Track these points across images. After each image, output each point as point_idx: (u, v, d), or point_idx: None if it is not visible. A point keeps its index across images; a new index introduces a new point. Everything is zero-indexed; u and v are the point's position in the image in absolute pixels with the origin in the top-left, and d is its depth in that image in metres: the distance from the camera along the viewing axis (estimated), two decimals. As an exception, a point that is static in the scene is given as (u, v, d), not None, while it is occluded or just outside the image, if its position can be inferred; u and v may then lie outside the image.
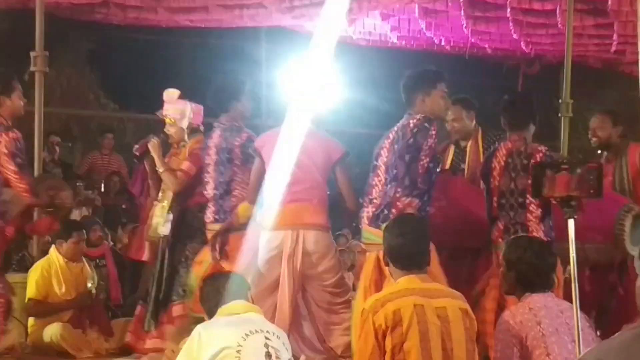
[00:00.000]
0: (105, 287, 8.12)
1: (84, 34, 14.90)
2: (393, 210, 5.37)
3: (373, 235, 5.46)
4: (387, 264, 4.55)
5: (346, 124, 12.58)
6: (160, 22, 10.83)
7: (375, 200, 5.57)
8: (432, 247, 4.74)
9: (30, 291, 7.18)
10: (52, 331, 6.98)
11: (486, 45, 11.57)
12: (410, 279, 4.33)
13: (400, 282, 4.35)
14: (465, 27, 10.45)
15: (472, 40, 11.20)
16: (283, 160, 6.04)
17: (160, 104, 7.08)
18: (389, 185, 5.48)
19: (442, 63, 13.74)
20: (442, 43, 11.49)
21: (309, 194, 6.07)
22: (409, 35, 11.36)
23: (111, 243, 9.63)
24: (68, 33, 13.44)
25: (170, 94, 7.05)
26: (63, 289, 7.29)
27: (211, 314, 4.54)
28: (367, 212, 5.61)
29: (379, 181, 5.60)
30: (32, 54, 7.38)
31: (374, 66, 13.86)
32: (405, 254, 4.40)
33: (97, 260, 8.49)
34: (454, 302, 4.28)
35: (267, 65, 12.40)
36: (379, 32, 11.33)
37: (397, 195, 5.40)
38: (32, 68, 7.41)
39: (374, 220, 5.50)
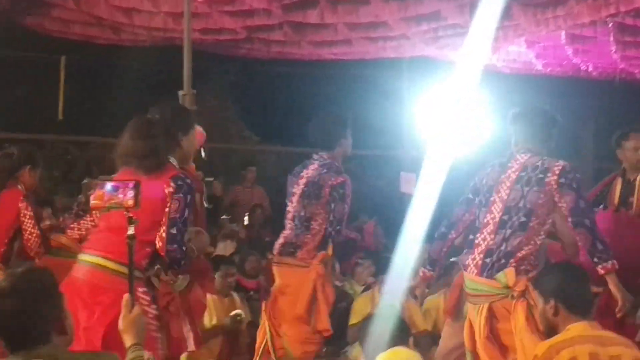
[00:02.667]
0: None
1: (227, 68, 15.14)
2: (511, 261, 4.94)
3: (486, 287, 5.02)
4: (555, 311, 4.31)
5: (488, 154, 12.32)
6: (303, 56, 10.92)
7: (481, 246, 5.08)
8: None
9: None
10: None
11: (636, 71, 11.22)
12: (582, 326, 4.14)
13: (571, 329, 4.16)
14: (615, 53, 10.14)
15: (622, 65, 10.88)
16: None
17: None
18: (509, 231, 5.00)
19: (589, 89, 13.52)
20: (589, 69, 11.21)
21: None
22: (554, 62, 11.12)
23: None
24: (211, 67, 13.67)
25: None
26: (214, 321, 7.32)
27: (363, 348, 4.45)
28: (474, 257, 5.10)
29: (492, 220, 5.11)
30: (180, 92, 7.47)
31: (518, 94, 13.60)
32: (579, 300, 4.21)
33: (252, 293, 8.46)
34: (629, 351, 4.06)
35: (409, 94, 12.31)
36: (524, 59, 11.13)
37: (519, 245, 4.96)
38: (180, 107, 7.49)
39: (486, 270, 5.01)
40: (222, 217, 10.90)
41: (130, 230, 3.72)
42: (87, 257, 4.66)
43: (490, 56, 10.50)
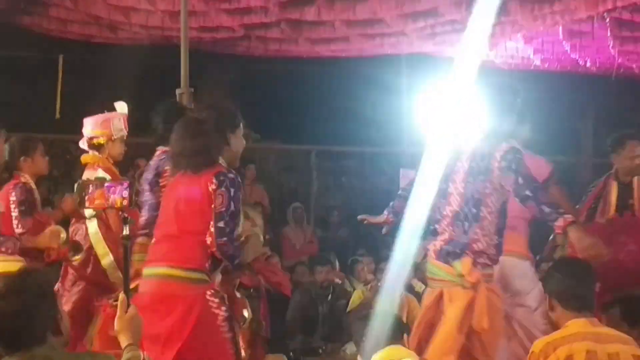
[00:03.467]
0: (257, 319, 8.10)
1: (224, 66, 15.12)
2: (467, 252, 4.95)
3: (442, 272, 5.05)
4: (552, 308, 4.32)
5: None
6: (301, 53, 10.92)
7: (444, 234, 5.09)
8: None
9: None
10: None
11: (634, 65, 11.22)
12: (581, 322, 4.14)
13: (570, 326, 4.16)
14: (612, 48, 10.14)
15: (619, 60, 10.87)
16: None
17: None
18: (467, 224, 5.00)
19: (587, 84, 13.51)
20: (588, 64, 11.20)
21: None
22: (552, 58, 11.11)
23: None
24: (209, 65, 13.66)
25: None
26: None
27: (359, 347, 4.45)
28: (435, 244, 5.13)
29: (451, 212, 5.09)
30: (177, 91, 7.47)
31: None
32: (578, 296, 4.20)
33: (251, 290, 8.46)
34: (627, 348, 4.06)
35: (408, 91, 12.30)
36: (522, 55, 11.13)
37: (476, 237, 4.97)
38: (177, 105, 7.50)
39: (443, 256, 5.05)
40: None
41: (125, 231, 3.73)
42: (152, 271, 4.72)
43: (488, 52, 10.50)
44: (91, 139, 6.92)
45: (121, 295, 3.57)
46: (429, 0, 8.72)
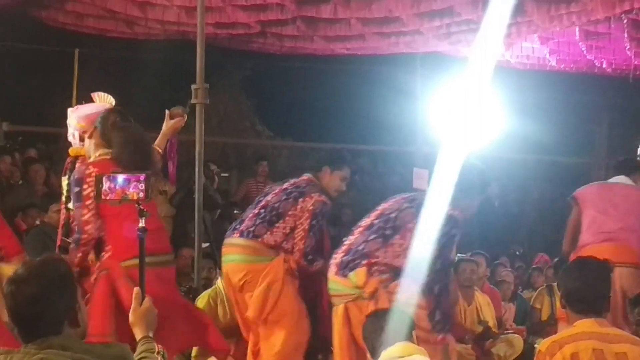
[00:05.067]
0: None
1: (240, 63, 15.14)
2: (364, 262, 4.94)
3: (340, 286, 5.03)
4: (563, 307, 4.33)
5: (500, 150, 12.31)
6: (316, 51, 10.92)
7: (344, 246, 5.13)
8: None
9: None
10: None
11: (651, 67, 11.19)
12: (588, 323, 4.12)
13: (577, 326, 4.15)
14: (629, 49, 10.10)
15: (636, 62, 10.84)
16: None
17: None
18: (373, 236, 5.04)
19: (603, 86, 13.47)
20: (604, 66, 11.16)
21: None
22: (568, 59, 11.09)
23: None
24: (224, 61, 13.68)
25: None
26: (228, 317, 7.33)
27: (374, 353, 4.42)
28: (335, 258, 5.13)
29: (365, 222, 5.19)
30: (193, 86, 7.47)
31: (532, 90, 13.58)
32: (582, 298, 4.19)
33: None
34: (636, 349, 4.03)
35: (422, 90, 12.29)
36: (537, 55, 11.10)
37: (377, 253, 4.98)
38: (192, 100, 7.51)
39: (342, 268, 5.04)
40: (234, 211, 10.89)
41: (142, 223, 3.74)
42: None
43: (504, 52, 10.48)
44: (84, 132, 6.69)
45: (136, 289, 3.58)
46: (445, -1, 8.72)
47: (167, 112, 6.12)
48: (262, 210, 5.95)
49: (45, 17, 10.61)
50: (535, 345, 6.47)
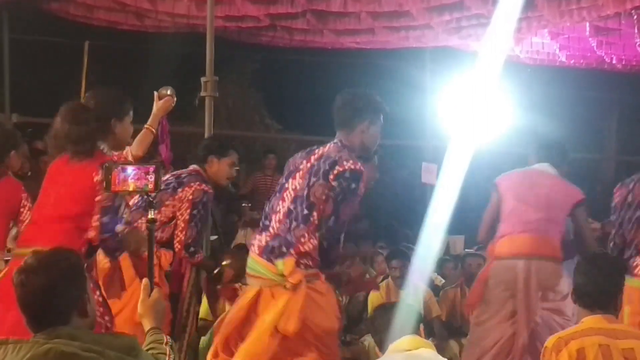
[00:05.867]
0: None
1: (249, 56, 15.15)
2: (292, 252, 4.74)
3: (263, 269, 4.84)
4: (574, 301, 4.34)
5: (509, 144, 12.29)
6: (325, 44, 10.91)
7: (271, 230, 4.89)
8: None
9: (203, 312, 7.31)
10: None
11: (661, 63, 11.18)
12: (595, 319, 4.13)
13: (584, 322, 4.17)
14: (639, 45, 10.08)
15: (646, 58, 10.84)
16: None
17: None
18: (294, 223, 4.79)
19: (613, 82, 13.45)
20: (614, 61, 11.14)
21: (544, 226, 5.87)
22: (578, 54, 11.06)
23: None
24: (234, 55, 13.68)
25: None
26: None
27: (382, 345, 4.41)
28: (260, 239, 4.92)
29: (283, 208, 4.89)
30: (202, 79, 7.49)
31: (541, 85, 13.56)
32: (587, 293, 4.19)
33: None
34: (644, 345, 4.05)
35: (431, 85, 12.28)
36: (547, 50, 11.08)
37: (303, 238, 4.75)
38: (202, 93, 7.53)
39: (267, 252, 4.84)
40: (242, 204, 10.91)
41: (151, 214, 3.76)
42: (23, 251, 4.55)
43: (514, 47, 10.46)
44: None
45: (144, 280, 3.59)
46: (455, -7, 8.71)
47: (155, 93, 6.21)
48: (140, 200, 6.03)
49: (55, 9, 10.62)
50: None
